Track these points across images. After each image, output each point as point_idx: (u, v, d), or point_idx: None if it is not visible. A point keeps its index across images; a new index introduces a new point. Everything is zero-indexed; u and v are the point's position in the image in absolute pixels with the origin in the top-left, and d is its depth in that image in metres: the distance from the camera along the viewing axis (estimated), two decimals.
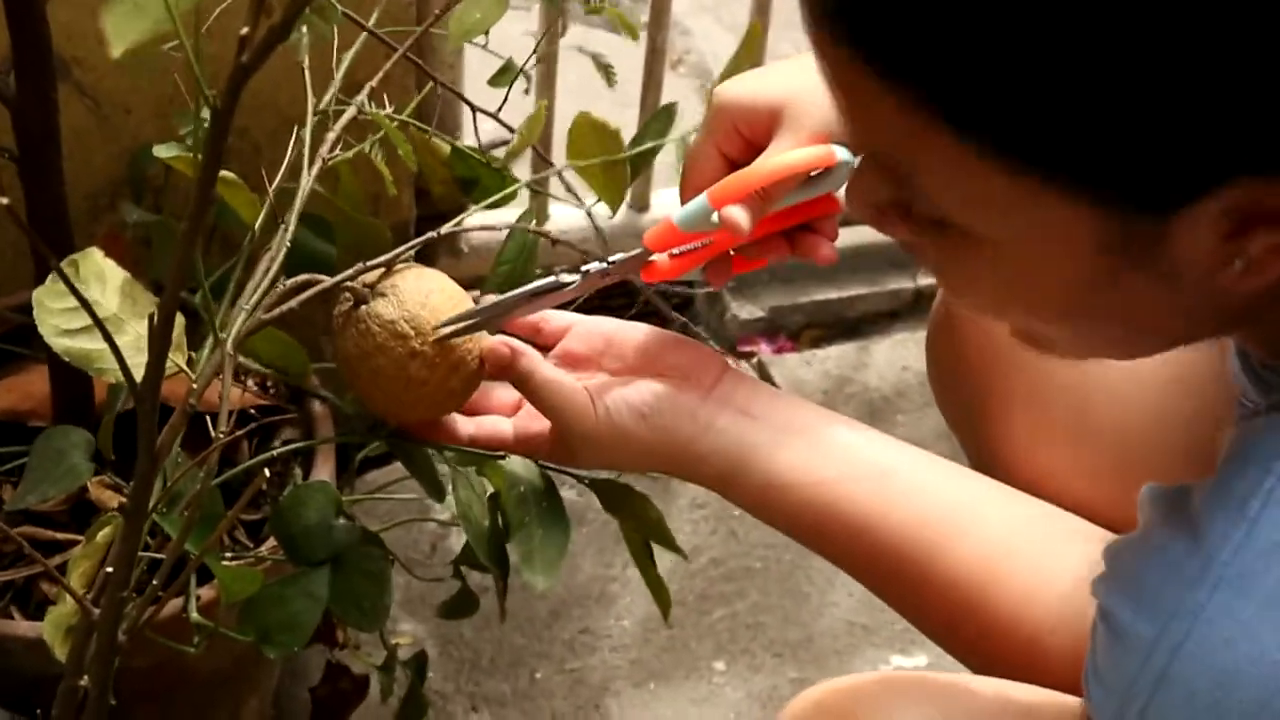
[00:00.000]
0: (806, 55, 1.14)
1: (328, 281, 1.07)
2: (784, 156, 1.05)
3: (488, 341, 1.07)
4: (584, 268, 1.11)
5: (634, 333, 1.13)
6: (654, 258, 1.09)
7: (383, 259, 1.07)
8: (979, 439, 1.26)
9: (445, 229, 1.20)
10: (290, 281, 1.08)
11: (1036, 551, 1.06)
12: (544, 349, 1.14)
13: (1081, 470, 1.15)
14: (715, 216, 1.05)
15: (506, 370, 1.06)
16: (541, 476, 1.31)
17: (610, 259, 1.11)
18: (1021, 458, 1.19)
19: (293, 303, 1.06)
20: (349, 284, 1.10)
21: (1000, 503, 1.10)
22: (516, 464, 1.31)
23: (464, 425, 1.16)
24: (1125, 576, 0.84)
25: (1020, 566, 1.05)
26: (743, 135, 1.09)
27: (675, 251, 1.09)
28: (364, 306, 1.07)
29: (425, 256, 1.92)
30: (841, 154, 1.05)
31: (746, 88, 1.09)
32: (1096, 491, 1.11)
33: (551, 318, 1.15)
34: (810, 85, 1.05)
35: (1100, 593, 0.85)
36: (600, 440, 1.08)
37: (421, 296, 1.08)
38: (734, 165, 1.09)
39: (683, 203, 1.09)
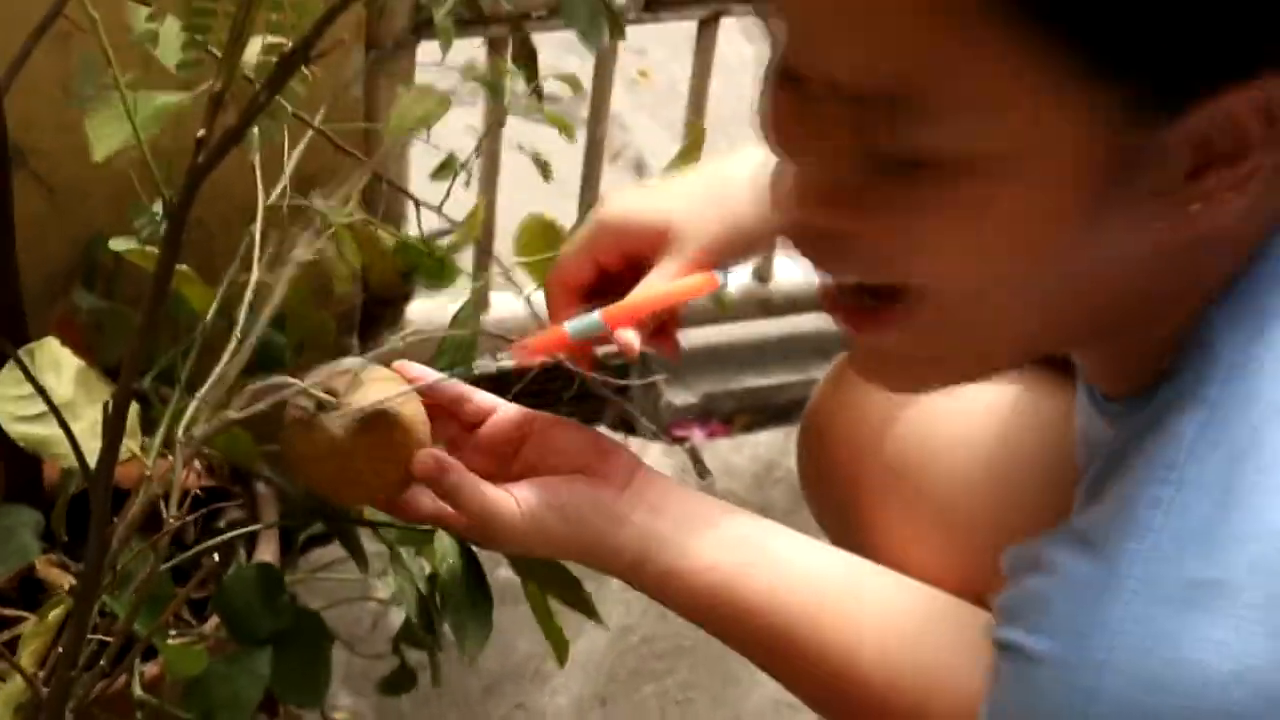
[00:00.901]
0: (690, 177, 1.16)
1: (295, 387, 1.05)
2: (677, 284, 1.10)
3: (418, 456, 1.06)
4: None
5: (554, 428, 1.14)
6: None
7: (345, 367, 1.06)
8: (851, 536, 1.27)
9: (406, 334, 1.19)
10: (257, 386, 1.07)
11: (926, 630, 1.08)
12: (467, 428, 1.14)
13: (952, 564, 1.16)
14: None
15: (435, 483, 1.06)
16: (465, 555, 1.32)
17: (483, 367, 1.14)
18: (896, 556, 1.20)
19: (260, 405, 1.06)
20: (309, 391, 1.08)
21: (891, 586, 1.11)
22: (445, 543, 1.32)
23: (425, 503, 1.15)
24: (1028, 610, 0.83)
25: (908, 646, 1.07)
26: (623, 250, 1.13)
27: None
28: (319, 416, 1.06)
29: (371, 340, 1.93)
30: (722, 279, 1.09)
31: (635, 206, 1.14)
32: (972, 584, 1.12)
33: (474, 398, 1.14)
34: (695, 209, 1.11)
35: (1003, 634, 0.84)
36: (525, 537, 1.09)
37: (378, 424, 1.07)
38: (604, 275, 1.14)
39: (549, 303, 1.15)
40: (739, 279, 2.14)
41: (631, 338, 1.09)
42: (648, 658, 1.98)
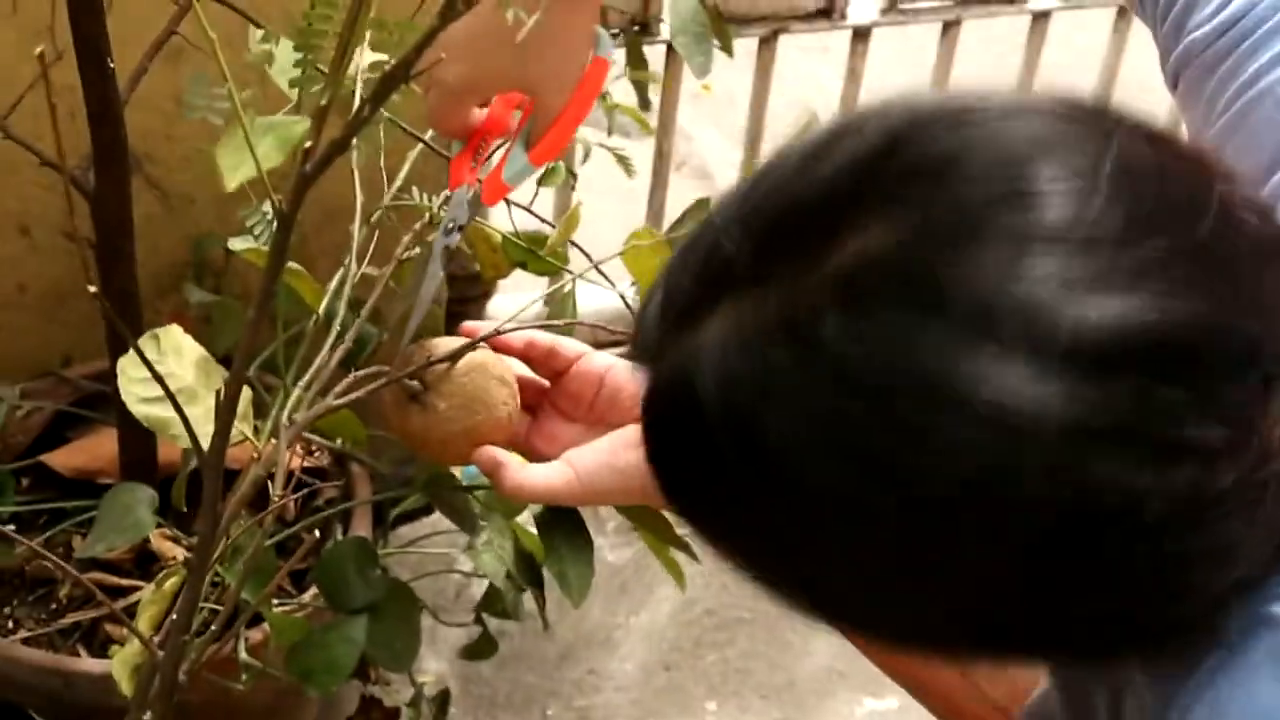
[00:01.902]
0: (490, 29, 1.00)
1: (394, 375, 1.06)
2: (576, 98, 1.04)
3: (476, 455, 1.06)
4: (446, 241, 1.11)
5: (625, 376, 1.11)
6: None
7: (442, 356, 1.06)
8: None
9: (504, 325, 1.19)
10: (359, 374, 1.08)
11: None
12: (558, 373, 1.12)
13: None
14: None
15: (494, 480, 1.06)
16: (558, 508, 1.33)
17: (457, 224, 1.10)
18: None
19: (359, 393, 1.07)
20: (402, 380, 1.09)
21: None
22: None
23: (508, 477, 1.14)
24: None
25: None
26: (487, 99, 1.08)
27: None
28: (411, 410, 1.07)
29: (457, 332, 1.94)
30: (608, 54, 1.04)
31: (486, 66, 1.03)
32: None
33: (561, 349, 1.14)
34: (536, 55, 1.01)
35: None
36: (588, 500, 1.08)
37: (461, 405, 1.07)
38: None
39: (439, 129, 1.09)
40: None
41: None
42: (709, 629, 1.98)
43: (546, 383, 1.12)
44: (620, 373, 1.12)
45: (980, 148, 0.63)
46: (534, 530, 1.34)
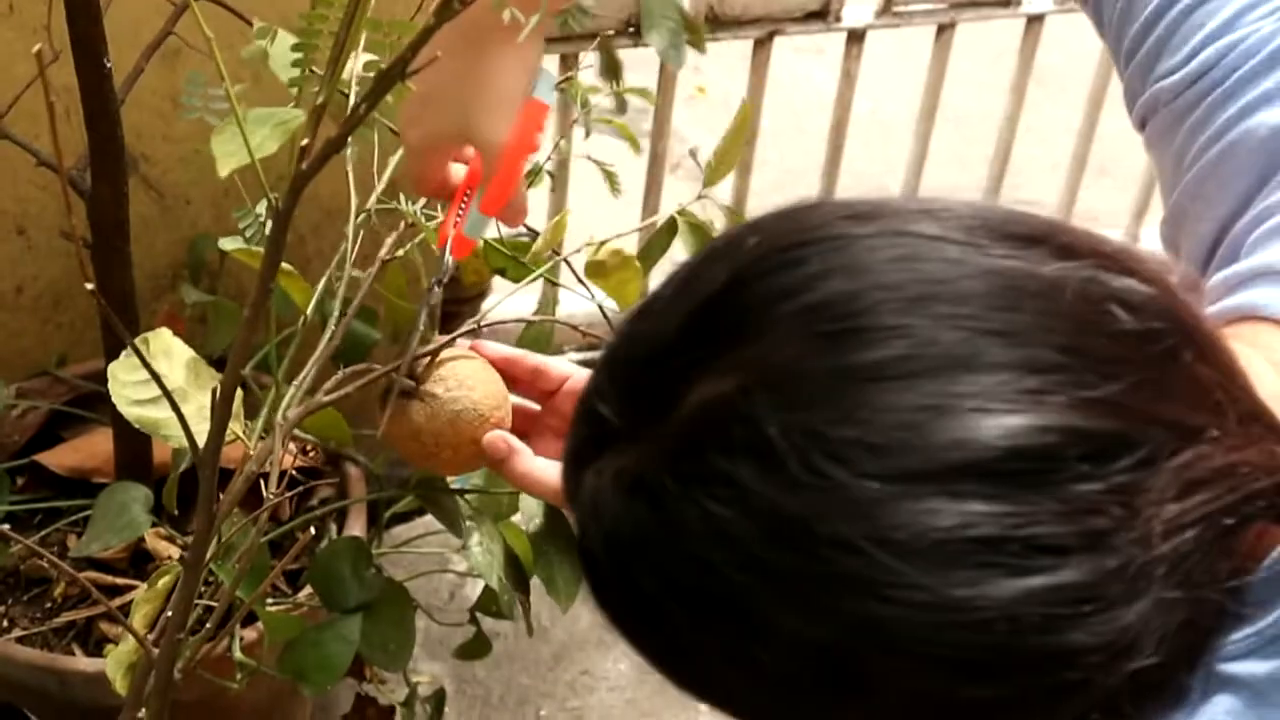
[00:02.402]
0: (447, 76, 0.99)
1: (379, 371, 1.07)
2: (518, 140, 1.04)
3: (487, 440, 1.06)
4: (432, 294, 1.11)
5: None
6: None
7: (427, 349, 1.07)
8: None
9: (487, 320, 1.20)
10: (347, 370, 1.08)
11: None
12: (547, 394, 1.12)
13: None
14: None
15: (502, 464, 1.05)
16: (550, 513, 1.33)
17: (442, 279, 1.10)
18: None
19: (349, 389, 1.07)
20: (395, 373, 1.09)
21: None
22: (531, 504, 1.33)
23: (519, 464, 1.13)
24: None
25: None
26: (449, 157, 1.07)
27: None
28: (410, 406, 1.06)
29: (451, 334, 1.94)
30: (548, 99, 1.06)
31: (434, 124, 1.03)
32: None
33: (550, 369, 1.13)
34: (470, 104, 1.01)
35: None
36: None
37: (453, 413, 1.07)
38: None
39: (421, 193, 1.10)
40: None
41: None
42: None
43: (537, 406, 1.12)
44: None
45: (817, 285, 0.62)
46: (525, 533, 1.34)
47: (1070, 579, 0.59)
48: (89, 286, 0.76)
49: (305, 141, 0.79)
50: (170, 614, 1.01)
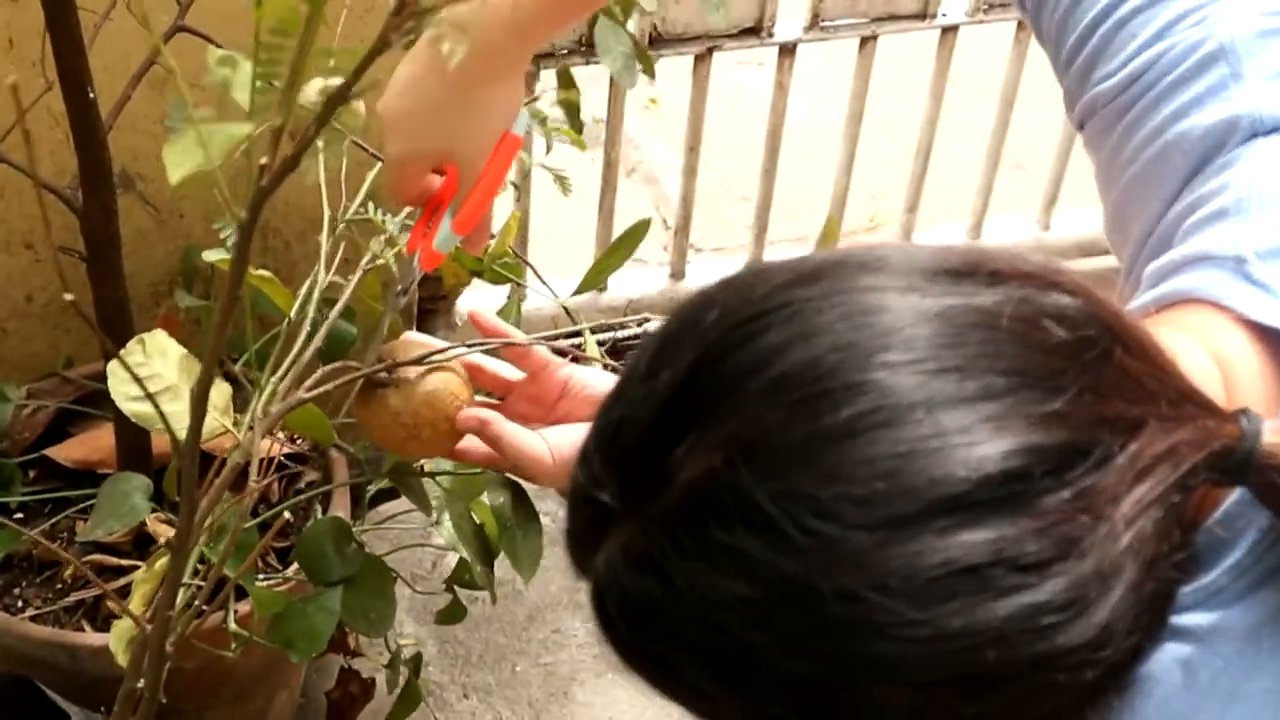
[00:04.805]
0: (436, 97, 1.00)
1: (361, 371, 1.05)
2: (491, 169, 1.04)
3: (461, 415, 1.05)
4: (398, 299, 1.10)
5: (590, 378, 1.11)
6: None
7: (410, 360, 1.05)
8: None
9: (475, 344, 1.18)
10: (328, 368, 1.07)
11: None
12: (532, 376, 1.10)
13: None
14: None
15: (478, 435, 1.05)
16: (515, 492, 1.32)
17: (407, 286, 1.10)
18: None
19: (328, 386, 1.06)
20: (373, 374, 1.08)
21: None
22: (497, 485, 1.32)
23: (477, 450, 1.12)
24: None
25: None
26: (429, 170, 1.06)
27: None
28: (385, 393, 1.05)
29: (428, 328, 1.93)
30: (522, 131, 1.04)
31: (419, 141, 1.02)
32: None
33: (502, 372, 1.12)
34: (457, 130, 1.01)
35: None
36: (555, 472, 1.07)
37: (421, 404, 1.06)
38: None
39: (398, 203, 1.09)
40: None
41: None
42: None
43: (498, 402, 1.10)
44: (581, 373, 1.11)
45: (778, 358, 0.61)
46: (491, 510, 1.34)
47: (1053, 590, 0.59)
48: (69, 297, 0.75)
49: (264, 161, 0.78)
50: (161, 593, 1.00)
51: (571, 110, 1.53)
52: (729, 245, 2.59)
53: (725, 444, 0.61)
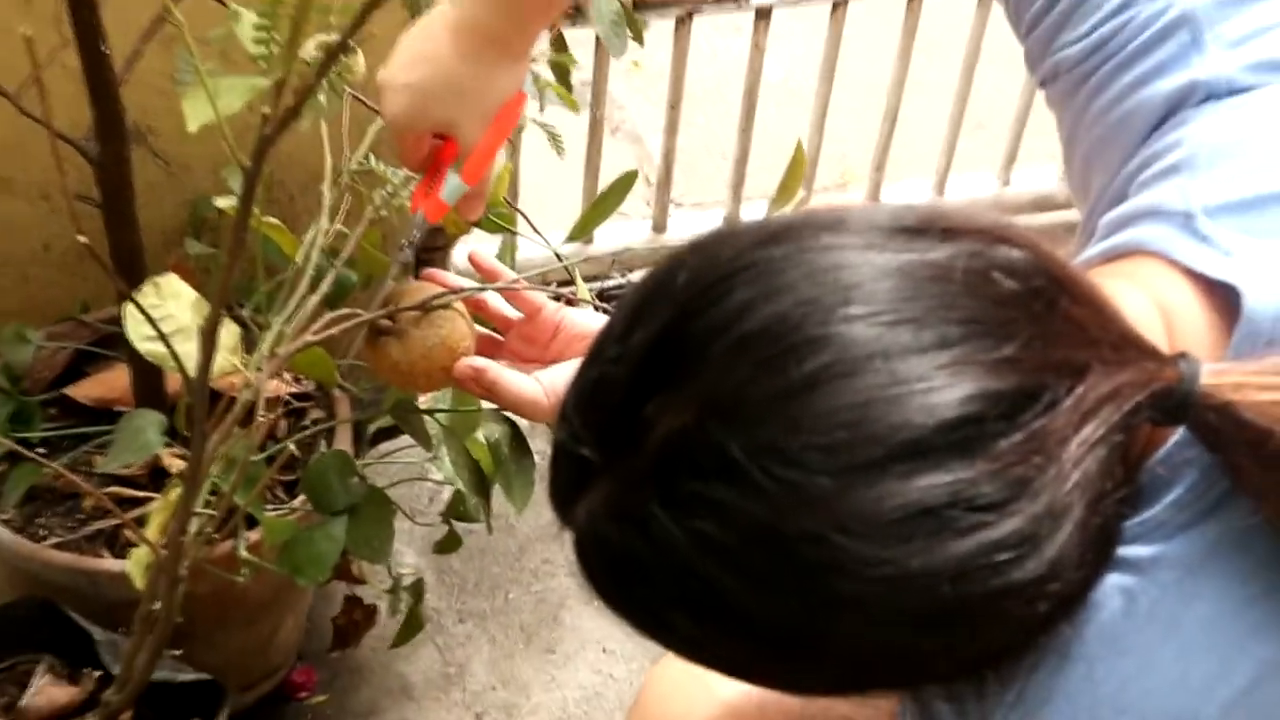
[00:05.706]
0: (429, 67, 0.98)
1: (364, 316, 1.05)
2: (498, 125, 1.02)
3: (457, 367, 1.05)
4: (403, 253, 1.09)
5: (581, 319, 1.10)
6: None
7: (412, 305, 1.05)
8: None
9: (469, 290, 1.16)
10: (333, 314, 1.06)
11: None
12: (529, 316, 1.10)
13: None
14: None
15: (477, 381, 1.04)
16: (510, 428, 1.32)
17: (412, 240, 1.08)
18: None
19: (333, 330, 1.05)
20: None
21: None
22: (492, 421, 1.33)
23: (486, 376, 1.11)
24: None
25: None
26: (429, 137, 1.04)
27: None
28: (387, 341, 1.05)
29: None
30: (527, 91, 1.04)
31: (423, 114, 1.01)
32: None
33: (502, 310, 1.12)
34: (462, 106, 0.99)
35: None
36: (550, 412, 1.07)
37: (426, 347, 1.06)
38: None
39: (410, 168, 1.06)
40: None
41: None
42: None
43: (500, 337, 1.10)
44: (573, 314, 1.11)
45: (746, 315, 0.62)
46: (486, 446, 1.34)
47: (1007, 529, 0.59)
48: (81, 239, 0.75)
49: (267, 111, 0.78)
50: (175, 520, 1.00)
51: (563, 73, 1.52)
52: (708, 200, 2.58)
53: (697, 400, 0.61)
